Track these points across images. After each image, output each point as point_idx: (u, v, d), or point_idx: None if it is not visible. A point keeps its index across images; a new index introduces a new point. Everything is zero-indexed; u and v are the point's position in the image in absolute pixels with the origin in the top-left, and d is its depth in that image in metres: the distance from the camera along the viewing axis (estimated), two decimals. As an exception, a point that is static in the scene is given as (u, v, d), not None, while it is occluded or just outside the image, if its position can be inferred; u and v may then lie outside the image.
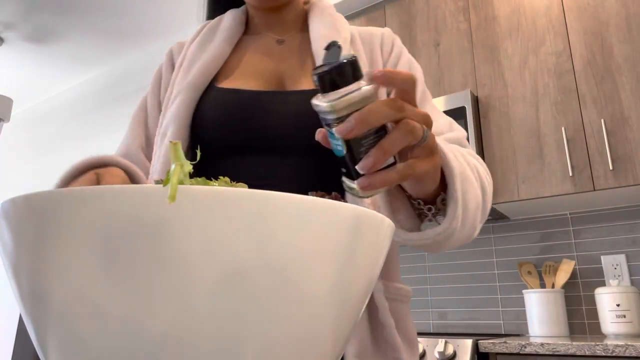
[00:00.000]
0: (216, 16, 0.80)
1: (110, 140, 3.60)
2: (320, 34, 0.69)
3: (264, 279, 0.23)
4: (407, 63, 0.71)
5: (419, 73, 0.72)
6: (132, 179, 0.57)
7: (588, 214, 2.02)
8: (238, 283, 0.23)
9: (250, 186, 0.32)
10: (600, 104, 1.79)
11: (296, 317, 0.25)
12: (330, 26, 0.71)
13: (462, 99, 2.01)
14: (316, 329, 0.26)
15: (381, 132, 0.38)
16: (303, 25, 0.76)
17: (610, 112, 1.77)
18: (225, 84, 0.67)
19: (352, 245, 0.26)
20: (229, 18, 0.76)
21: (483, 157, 1.99)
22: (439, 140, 0.47)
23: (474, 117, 1.99)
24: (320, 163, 0.62)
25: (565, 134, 1.82)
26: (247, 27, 0.78)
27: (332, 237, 0.25)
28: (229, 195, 0.23)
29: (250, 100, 0.63)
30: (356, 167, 0.38)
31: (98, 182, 0.50)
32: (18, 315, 3.63)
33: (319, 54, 0.66)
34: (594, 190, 1.73)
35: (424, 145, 0.40)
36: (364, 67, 0.69)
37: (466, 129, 1.96)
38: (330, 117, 0.38)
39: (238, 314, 0.23)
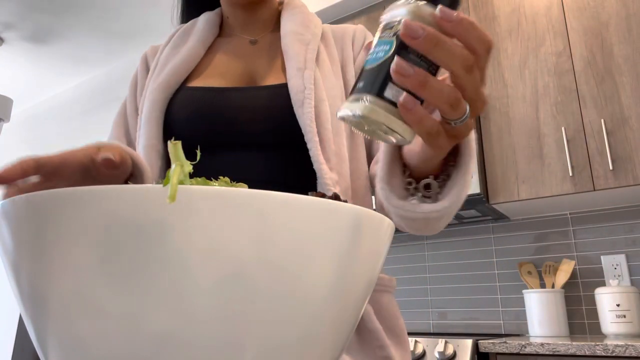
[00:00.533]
0: (190, 20, 0.80)
1: (110, 140, 3.59)
2: (289, 30, 0.70)
3: (264, 279, 0.23)
4: None
5: None
6: (133, 158, 0.53)
7: (588, 214, 2.02)
8: (238, 283, 0.23)
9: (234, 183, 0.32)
10: (600, 104, 1.80)
11: (296, 317, 0.25)
12: (300, 23, 0.71)
13: (462, 99, 2.00)
14: (316, 329, 0.26)
15: (431, 70, 0.33)
16: (276, 25, 0.77)
17: (610, 112, 1.77)
18: (196, 83, 0.68)
19: (351, 245, 0.26)
20: (203, 21, 0.76)
21: (483, 157, 1.99)
22: None
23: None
24: (291, 156, 0.62)
25: (565, 134, 1.82)
26: (222, 30, 0.78)
27: (332, 237, 0.25)
28: (228, 195, 0.23)
29: (218, 97, 0.64)
30: (394, 63, 0.32)
31: (98, 149, 0.46)
32: (18, 315, 3.63)
33: (288, 51, 0.67)
34: (594, 190, 1.73)
35: (453, 127, 0.36)
36: (334, 62, 0.70)
37: (466, 129, 1.96)
38: (400, 14, 0.34)
39: (237, 313, 0.23)
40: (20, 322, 3.53)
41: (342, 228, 0.26)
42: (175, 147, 0.26)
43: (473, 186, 1.89)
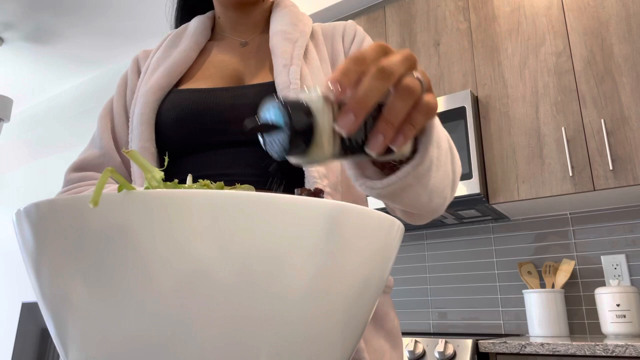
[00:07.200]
0: (184, 24, 0.81)
1: (110, 140, 3.58)
2: (277, 29, 0.70)
3: (226, 281, 0.23)
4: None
5: None
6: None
7: (588, 214, 2.02)
8: (199, 284, 0.23)
9: (229, 182, 0.32)
10: (600, 104, 1.79)
11: (265, 317, 0.24)
12: (288, 22, 0.72)
13: (462, 99, 2.01)
14: (291, 331, 0.26)
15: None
16: (266, 26, 0.77)
17: (610, 112, 1.77)
18: (186, 86, 0.68)
19: (329, 242, 0.25)
20: (194, 24, 0.76)
21: (483, 157, 1.99)
22: None
23: (474, 117, 1.99)
24: None
25: (565, 134, 1.82)
26: (213, 33, 0.78)
27: (301, 235, 0.24)
28: (178, 198, 0.23)
29: (206, 97, 0.64)
30: (367, 151, 0.35)
31: None
32: (18, 315, 3.63)
33: (275, 49, 0.67)
34: (594, 190, 1.73)
35: (427, 93, 0.37)
36: (323, 60, 0.70)
37: (466, 129, 1.96)
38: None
39: (201, 315, 0.23)
40: (20, 322, 3.53)
41: (314, 225, 0.25)
42: (133, 155, 0.26)
43: (473, 186, 1.89)
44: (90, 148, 0.72)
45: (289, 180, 0.60)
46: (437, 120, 0.45)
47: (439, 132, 0.45)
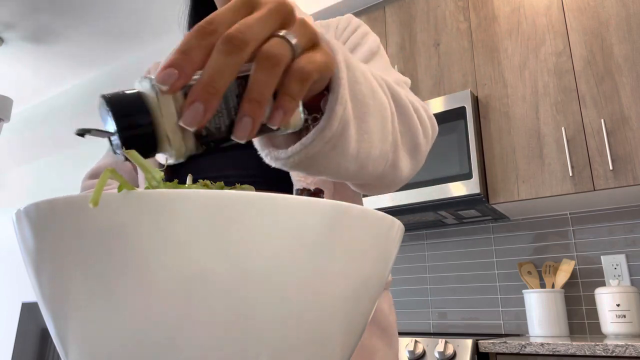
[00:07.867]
0: None
1: (110, 140, 3.58)
2: None
3: (226, 281, 0.23)
4: (362, 35, 0.70)
5: (371, 40, 0.69)
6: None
7: (588, 214, 2.02)
8: (199, 284, 0.23)
9: (226, 184, 0.32)
10: (600, 104, 1.79)
11: (264, 318, 0.24)
12: None
13: (462, 99, 2.01)
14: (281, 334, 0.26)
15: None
16: None
17: (610, 112, 1.77)
18: None
19: (329, 242, 0.25)
20: None
21: (483, 157, 1.99)
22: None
23: (474, 117, 1.99)
24: None
25: (565, 134, 1.82)
26: None
27: (301, 235, 0.24)
28: (178, 198, 0.23)
29: None
30: (234, 138, 0.28)
31: None
32: (18, 315, 3.63)
33: None
34: (594, 190, 1.73)
35: (302, 52, 0.30)
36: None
37: (466, 129, 1.96)
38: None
39: (201, 315, 0.23)
40: (20, 322, 3.53)
41: (316, 224, 0.25)
42: (133, 155, 0.26)
43: (473, 186, 1.89)
44: (104, 158, 0.77)
45: (272, 181, 0.61)
46: (352, 73, 0.37)
47: (362, 87, 0.37)
